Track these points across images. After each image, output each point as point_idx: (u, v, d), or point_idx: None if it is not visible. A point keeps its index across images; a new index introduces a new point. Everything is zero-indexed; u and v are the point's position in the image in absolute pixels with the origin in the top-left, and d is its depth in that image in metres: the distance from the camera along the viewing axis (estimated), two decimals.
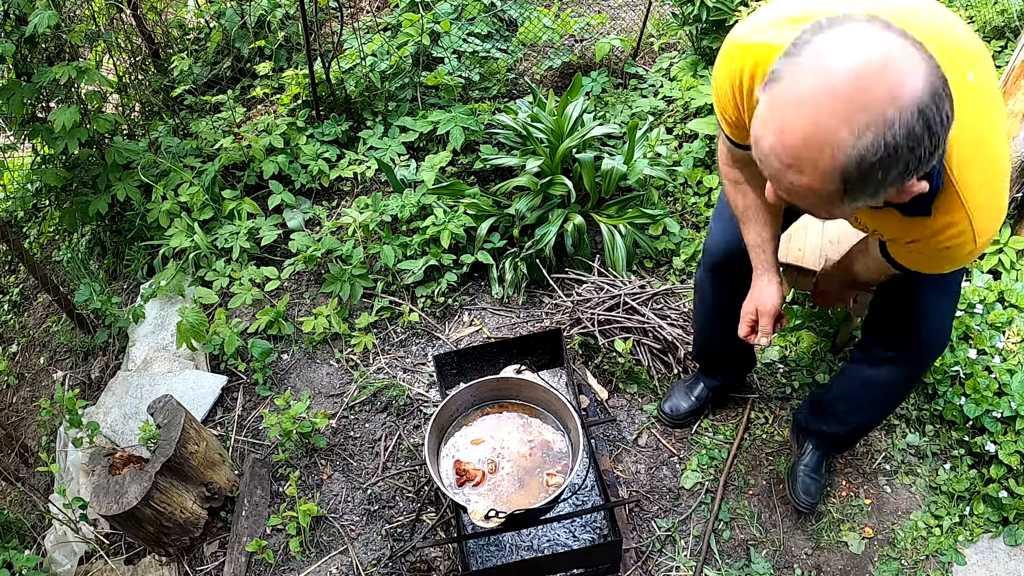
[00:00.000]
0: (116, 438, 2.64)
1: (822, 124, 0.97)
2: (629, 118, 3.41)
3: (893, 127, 0.95)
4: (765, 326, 1.80)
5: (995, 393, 2.30)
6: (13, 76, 2.91)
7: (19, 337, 3.51)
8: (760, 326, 1.81)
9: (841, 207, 1.09)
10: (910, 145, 0.96)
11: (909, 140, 0.96)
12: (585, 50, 3.98)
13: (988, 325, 2.44)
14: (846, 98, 0.95)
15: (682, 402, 2.46)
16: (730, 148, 1.67)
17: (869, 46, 0.96)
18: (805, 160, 1.00)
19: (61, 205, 3.39)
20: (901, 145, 0.96)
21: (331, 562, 2.29)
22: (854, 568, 2.19)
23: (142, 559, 2.35)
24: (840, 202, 1.06)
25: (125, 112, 3.71)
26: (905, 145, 0.96)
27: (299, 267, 3.00)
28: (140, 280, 3.26)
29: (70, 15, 3.20)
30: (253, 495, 2.41)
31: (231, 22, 3.74)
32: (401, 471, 2.48)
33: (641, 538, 2.25)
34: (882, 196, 1.06)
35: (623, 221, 2.86)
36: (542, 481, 2.09)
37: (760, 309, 1.80)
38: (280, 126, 3.35)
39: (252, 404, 2.75)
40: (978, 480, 2.29)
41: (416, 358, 2.81)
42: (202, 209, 3.13)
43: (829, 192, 1.03)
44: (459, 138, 3.20)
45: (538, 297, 2.94)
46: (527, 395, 2.25)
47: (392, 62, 3.52)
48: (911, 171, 1.01)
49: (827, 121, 0.96)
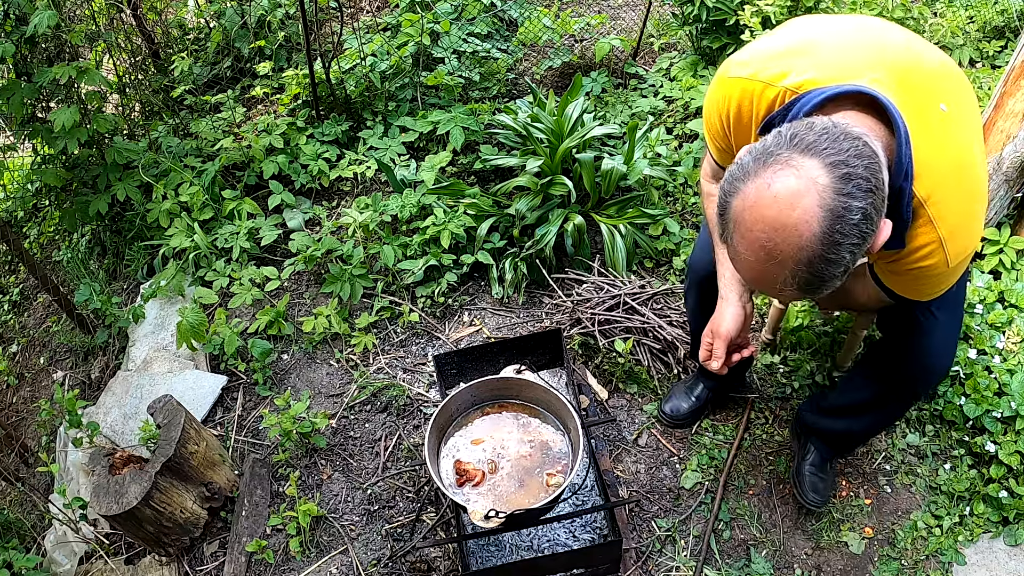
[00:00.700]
0: (116, 438, 2.64)
1: (765, 276, 1.20)
2: (629, 118, 3.41)
3: (812, 264, 1.14)
4: (716, 349, 1.77)
5: (995, 393, 2.30)
6: (13, 76, 2.92)
7: (19, 337, 3.51)
8: (712, 349, 1.78)
9: (820, 292, 1.23)
10: (834, 263, 1.14)
11: (830, 263, 1.14)
12: (585, 50, 3.98)
13: (988, 325, 2.44)
14: (767, 258, 1.17)
15: (682, 403, 2.46)
16: (714, 166, 1.74)
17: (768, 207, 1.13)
18: (770, 292, 1.27)
19: (61, 205, 3.39)
20: (825, 269, 1.15)
21: (331, 562, 2.29)
22: (854, 568, 2.19)
23: (142, 559, 2.35)
24: (816, 294, 1.23)
25: (125, 112, 3.71)
26: (829, 266, 1.14)
27: (299, 267, 3.00)
28: (140, 280, 3.26)
29: (70, 15, 3.20)
30: (253, 495, 2.41)
31: (231, 22, 3.74)
32: (401, 471, 2.48)
33: (641, 538, 2.25)
34: (847, 275, 1.20)
35: (623, 221, 2.86)
36: (542, 481, 2.09)
37: (714, 332, 1.78)
38: (280, 126, 3.35)
39: (252, 404, 2.75)
40: (978, 480, 2.29)
41: (416, 358, 2.81)
42: (202, 209, 3.13)
43: (802, 297, 1.25)
44: (459, 138, 3.20)
45: (538, 297, 2.94)
46: (527, 395, 2.25)
47: (392, 62, 3.52)
48: (857, 254, 1.16)
49: (766, 274, 1.20)
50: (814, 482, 2.24)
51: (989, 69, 3.57)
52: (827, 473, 2.26)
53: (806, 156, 1.12)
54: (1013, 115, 2.51)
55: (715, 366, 1.77)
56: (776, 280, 1.19)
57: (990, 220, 2.68)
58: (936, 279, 1.43)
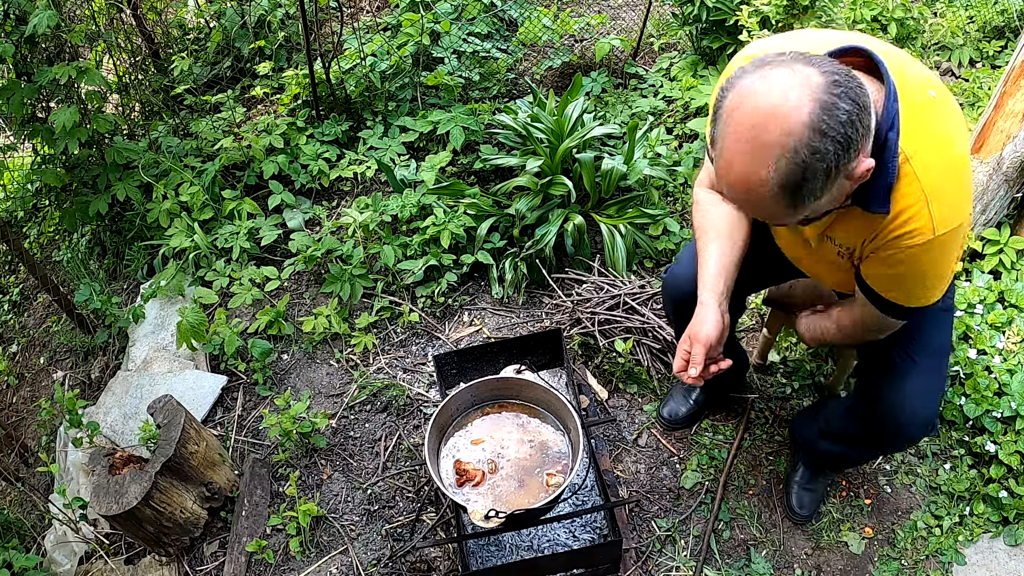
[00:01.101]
0: (116, 438, 2.64)
1: (748, 169, 1.20)
2: (629, 118, 3.41)
3: (798, 152, 1.15)
4: (695, 356, 1.67)
5: (995, 393, 2.30)
6: (13, 76, 2.91)
7: (19, 337, 3.51)
8: (691, 355, 1.68)
9: (799, 214, 1.27)
10: (819, 155, 1.15)
11: (815, 153, 1.15)
12: (585, 50, 3.98)
13: (988, 325, 2.44)
14: (753, 146, 1.18)
15: (680, 406, 2.46)
16: (713, 173, 1.76)
17: (763, 95, 1.17)
18: (751, 195, 1.23)
19: (61, 205, 3.39)
20: (809, 160, 1.15)
21: (331, 562, 2.29)
22: (854, 568, 2.19)
23: (142, 559, 2.35)
24: (795, 211, 1.25)
25: (125, 112, 3.71)
26: (814, 158, 1.15)
27: (299, 267, 3.00)
28: (140, 280, 3.26)
29: (70, 15, 3.20)
30: (253, 495, 2.41)
31: (231, 22, 3.75)
32: (401, 471, 2.48)
33: (641, 538, 2.25)
34: (830, 192, 1.23)
35: (623, 221, 2.86)
36: (542, 481, 2.09)
37: (692, 337, 1.69)
38: (280, 126, 3.35)
39: (252, 404, 2.75)
40: (978, 480, 2.29)
41: (416, 358, 2.81)
42: (202, 209, 3.13)
43: (782, 208, 1.24)
44: (459, 138, 3.20)
45: (538, 297, 2.94)
46: (527, 395, 2.25)
47: (392, 62, 3.52)
48: (841, 163, 1.18)
49: (749, 167, 1.19)
50: (800, 495, 2.25)
51: (989, 69, 3.57)
52: (816, 485, 2.25)
53: (803, 64, 1.18)
54: (1013, 115, 2.51)
55: (693, 374, 1.68)
56: (759, 177, 1.19)
57: (990, 220, 2.67)
58: (922, 261, 1.38)
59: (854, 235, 1.47)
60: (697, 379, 1.70)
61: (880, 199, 1.33)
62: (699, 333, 1.68)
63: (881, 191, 1.32)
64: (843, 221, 1.47)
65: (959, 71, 3.68)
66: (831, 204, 1.31)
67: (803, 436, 2.17)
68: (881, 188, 1.31)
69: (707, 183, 1.83)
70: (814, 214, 1.33)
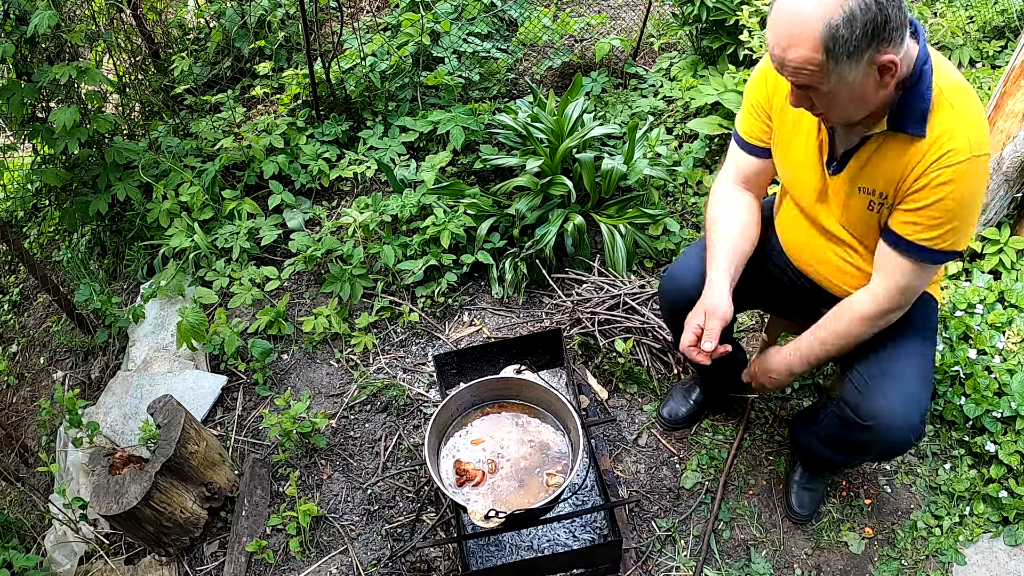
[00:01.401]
0: (116, 438, 2.64)
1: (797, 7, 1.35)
2: (629, 118, 3.41)
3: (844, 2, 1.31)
4: (711, 329, 1.71)
5: (995, 393, 2.30)
6: (13, 76, 2.91)
7: (19, 337, 3.51)
8: (706, 330, 1.72)
9: (828, 76, 1.38)
10: (862, 8, 1.30)
11: (859, 6, 1.30)
12: (585, 50, 3.98)
13: (988, 325, 2.44)
14: None
15: (680, 406, 2.46)
16: (737, 159, 1.88)
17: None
18: (794, 32, 1.36)
19: (61, 205, 3.39)
20: (853, 8, 1.30)
21: (331, 562, 2.29)
22: (854, 568, 2.19)
23: (142, 559, 2.35)
24: (828, 66, 1.36)
25: (125, 112, 3.71)
26: (857, 8, 1.30)
27: (299, 267, 3.00)
28: (140, 280, 3.26)
29: (70, 15, 3.20)
30: (253, 495, 2.41)
31: (231, 22, 3.75)
32: (401, 471, 2.48)
33: (641, 538, 2.25)
34: (858, 69, 1.36)
35: (623, 221, 2.86)
36: (542, 481, 2.09)
37: (709, 312, 1.73)
38: (280, 126, 3.35)
39: (252, 404, 2.75)
40: (978, 480, 2.29)
41: (416, 358, 2.81)
42: (202, 209, 3.13)
43: (817, 57, 1.35)
44: (459, 138, 3.20)
45: (538, 297, 2.94)
46: (527, 395, 2.24)
47: (392, 62, 3.52)
48: (874, 36, 1.33)
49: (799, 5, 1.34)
50: (800, 495, 2.25)
51: (989, 69, 3.57)
52: (816, 485, 2.26)
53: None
54: (1013, 115, 2.51)
55: (708, 347, 1.71)
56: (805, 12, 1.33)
57: (990, 220, 2.68)
58: (962, 182, 1.46)
59: (891, 173, 1.54)
60: (707, 356, 1.73)
61: (917, 120, 1.46)
62: (716, 309, 1.73)
63: (918, 114, 1.46)
64: (880, 159, 1.55)
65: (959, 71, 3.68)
66: (855, 95, 1.42)
67: (802, 439, 2.17)
68: (918, 111, 1.45)
69: (730, 176, 1.90)
70: (837, 90, 1.41)
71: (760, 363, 1.96)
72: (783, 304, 2.13)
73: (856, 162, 1.60)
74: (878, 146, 1.55)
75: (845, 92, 1.41)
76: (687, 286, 1.90)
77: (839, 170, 1.64)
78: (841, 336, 1.73)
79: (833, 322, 1.74)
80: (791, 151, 1.74)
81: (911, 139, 1.48)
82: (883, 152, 1.54)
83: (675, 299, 1.98)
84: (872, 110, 1.49)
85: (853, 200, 1.64)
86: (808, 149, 1.70)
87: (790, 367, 1.86)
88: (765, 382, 1.97)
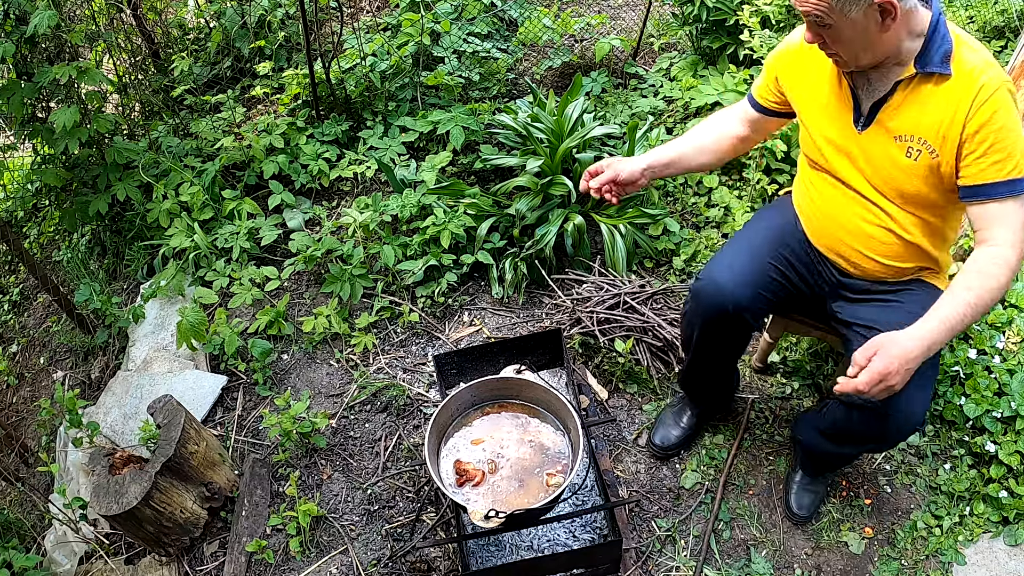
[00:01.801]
0: (116, 438, 2.64)
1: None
2: (629, 118, 3.41)
3: None
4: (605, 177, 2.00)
5: (995, 393, 2.30)
6: (13, 76, 2.91)
7: (19, 337, 3.51)
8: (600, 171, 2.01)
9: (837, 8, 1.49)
10: None
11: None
12: (585, 50, 3.98)
13: (988, 325, 2.44)
14: None
15: (671, 431, 2.41)
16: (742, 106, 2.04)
17: None
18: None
19: (61, 205, 3.39)
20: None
21: (331, 562, 2.29)
22: (854, 568, 2.19)
23: (142, 559, 2.35)
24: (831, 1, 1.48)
25: (125, 112, 3.71)
26: None
27: (299, 267, 3.00)
28: (140, 280, 3.26)
29: (70, 15, 3.20)
30: (253, 495, 2.41)
31: (231, 22, 3.74)
32: (401, 471, 2.48)
33: (641, 538, 2.25)
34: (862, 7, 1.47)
35: (623, 221, 2.86)
36: (542, 481, 2.09)
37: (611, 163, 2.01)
38: (280, 126, 3.35)
39: (252, 404, 2.75)
40: (978, 480, 2.29)
41: (416, 358, 2.81)
42: (202, 209, 3.13)
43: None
44: (459, 138, 3.20)
45: (538, 297, 2.94)
46: (527, 395, 2.25)
47: (392, 62, 3.52)
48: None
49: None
50: (800, 496, 2.25)
51: None
52: (816, 486, 2.26)
53: None
54: None
55: (594, 185, 2.00)
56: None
57: None
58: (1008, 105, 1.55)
59: (930, 118, 1.62)
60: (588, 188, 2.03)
61: (942, 60, 1.57)
62: (621, 165, 2.00)
63: (942, 53, 1.57)
64: (914, 103, 1.64)
65: None
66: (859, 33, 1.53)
67: (802, 435, 2.17)
68: (941, 51, 1.57)
69: (728, 112, 2.10)
70: (842, 26, 1.52)
71: (894, 352, 1.52)
72: (797, 304, 2.11)
73: (888, 111, 1.67)
74: (909, 91, 1.64)
75: (849, 29, 1.53)
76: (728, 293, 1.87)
77: (868, 124, 1.71)
78: (994, 291, 1.56)
79: (978, 279, 1.57)
80: (819, 114, 1.81)
81: (940, 79, 1.59)
82: (916, 96, 1.63)
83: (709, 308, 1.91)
84: (879, 55, 1.60)
85: (890, 151, 1.69)
86: (835, 108, 1.77)
87: (931, 344, 1.54)
88: (899, 376, 1.53)
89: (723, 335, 1.99)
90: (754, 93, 2.00)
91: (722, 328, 1.95)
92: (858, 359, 1.55)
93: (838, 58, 1.64)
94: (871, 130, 1.70)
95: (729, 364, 2.20)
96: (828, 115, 1.79)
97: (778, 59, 1.89)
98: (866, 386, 1.53)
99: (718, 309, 1.91)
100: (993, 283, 1.56)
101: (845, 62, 1.64)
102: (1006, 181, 1.57)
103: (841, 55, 1.62)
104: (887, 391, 1.54)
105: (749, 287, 1.89)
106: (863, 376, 1.53)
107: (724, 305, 1.89)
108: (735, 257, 1.94)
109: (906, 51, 1.60)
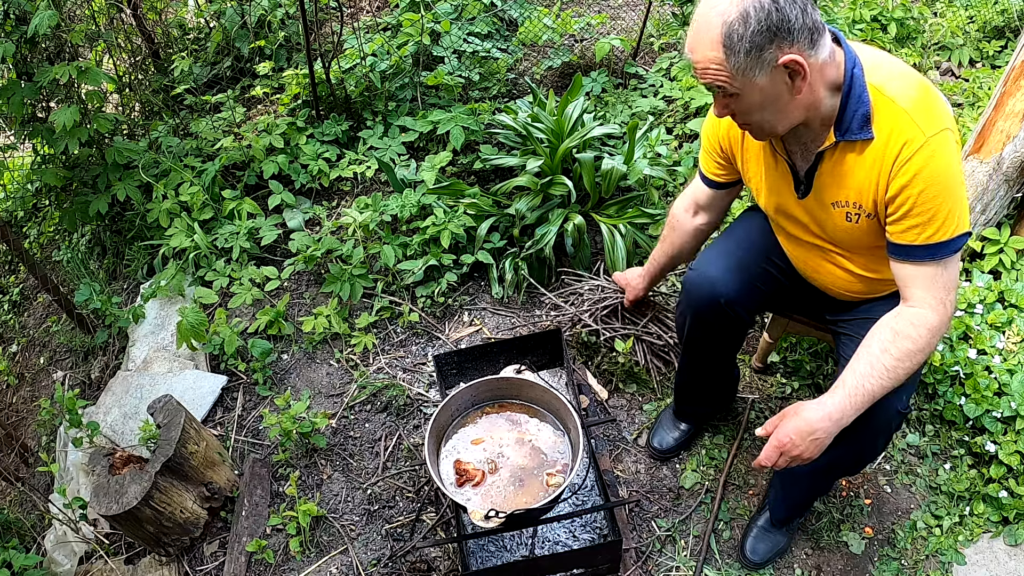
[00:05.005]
0: (116, 438, 2.64)
1: (704, 11, 1.42)
2: (629, 118, 3.41)
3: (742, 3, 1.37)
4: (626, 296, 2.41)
5: (995, 393, 2.30)
6: (13, 76, 2.91)
7: (19, 337, 3.51)
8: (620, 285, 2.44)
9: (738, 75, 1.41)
10: (756, 8, 1.35)
11: (753, 7, 1.35)
12: (585, 50, 3.98)
13: (988, 325, 2.44)
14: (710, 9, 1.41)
15: (669, 434, 2.40)
16: (696, 186, 2.02)
17: None
18: (699, 32, 1.42)
19: (61, 205, 3.39)
20: (748, 9, 1.35)
21: (331, 562, 2.29)
22: (854, 568, 2.19)
23: (142, 559, 2.35)
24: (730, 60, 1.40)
25: (125, 112, 3.72)
26: (752, 9, 1.35)
27: (299, 267, 3.00)
28: (140, 280, 3.26)
29: (70, 15, 3.20)
30: (253, 495, 2.41)
31: (231, 22, 3.75)
32: (401, 471, 2.48)
33: (641, 538, 2.25)
34: (764, 71, 1.40)
35: (623, 221, 2.86)
36: (542, 481, 2.09)
37: (627, 285, 2.40)
38: (280, 126, 3.35)
39: (252, 404, 2.75)
40: (978, 480, 2.29)
41: (416, 358, 2.81)
42: (202, 209, 3.13)
43: (719, 52, 1.40)
44: (459, 138, 3.20)
45: (538, 297, 2.94)
46: (527, 395, 2.25)
47: (392, 62, 3.53)
48: (772, 35, 1.36)
49: (707, 9, 1.41)
50: (757, 540, 2.16)
51: (989, 69, 3.58)
52: (778, 536, 2.17)
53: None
54: (1013, 115, 2.51)
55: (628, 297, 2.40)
56: (709, 16, 1.40)
57: (990, 220, 2.68)
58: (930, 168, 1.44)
59: (857, 183, 1.55)
60: None
61: (861, 124, 1.48)
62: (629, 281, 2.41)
63: (860, 118, 1.48)
64: (841, 170, 1.56)
65: (959, 71, 3.68)
66: (768, 99, 1.44)
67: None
68: (859, 115, 1.47)
69: (687, 198, 2.08)
70: (748, 91, 1.44)
71: (791, 426, 1.55)
72: (790, 303, 2.11)
73: (820, 179, 1.61)
74: (835, 158, 1.56)
75: (756, 95, 1.44)
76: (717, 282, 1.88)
77: (807, 192, 1.65)
78: (914, 354, 1.52)
79: (896, 342, 1.52)
80: (761, 183, 1.77)
81: (863, 144, 1.50)
82: (842, 163, 1.55)
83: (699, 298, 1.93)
84: (796, 120, 1.50)
85: (830, 216, 1.65)
86: (774, 179, 1.73)
87: (840, 416, 1.53)
88: (801, 448, 1.54)
89: (715, 328, 1.97)
90: (702, 167, 1.95)
91: (714, 321, 1.93)
92: (767, 428, 1.61)
93: (751, 130, 1.55)
94: (811, 197, 1.65)
95: (724, 362, 2.19)
96: (768, 186, 1.75)
97: (713, 128, 1.82)
98: (768, 461, 1.58)
99: (708, 301, 1.89)
100: (911, 346, 1.52)
101: (761, 133, 1.55)
102: (924, 246, 1.50)
103: (753, 127, 1.53)
104: (795, 461, 1.56)
105: (740, 279, 1.87)
106: (764, 450, 1.59)
107: (715, 297, 1.87)
108: (727, 249, 1.92)
109: (829, 108, 1.49)
